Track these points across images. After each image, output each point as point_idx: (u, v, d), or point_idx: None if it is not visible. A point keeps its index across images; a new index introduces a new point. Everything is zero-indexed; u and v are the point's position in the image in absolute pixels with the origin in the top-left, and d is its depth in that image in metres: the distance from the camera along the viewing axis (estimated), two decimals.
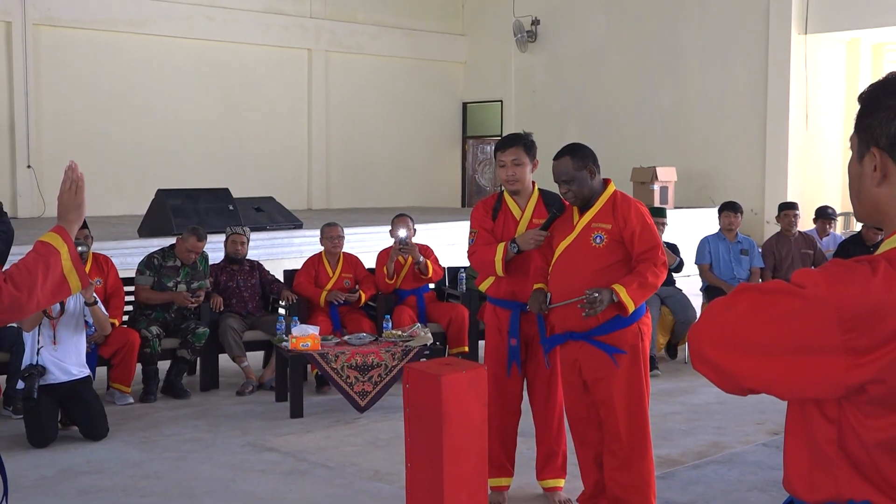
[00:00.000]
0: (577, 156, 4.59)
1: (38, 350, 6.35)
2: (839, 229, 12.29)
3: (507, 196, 5.12)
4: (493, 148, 5.20)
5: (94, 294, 6.69)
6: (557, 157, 4.64)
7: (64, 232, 2.92)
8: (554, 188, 5.14)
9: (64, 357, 6.42)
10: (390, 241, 8.24)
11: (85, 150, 14.88)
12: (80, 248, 3.05)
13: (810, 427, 1.69)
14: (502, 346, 5.07)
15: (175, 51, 16.94)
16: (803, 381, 1.60)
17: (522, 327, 5.02)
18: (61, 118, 15.80)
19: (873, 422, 1.61)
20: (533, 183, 5.14)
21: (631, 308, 4.42)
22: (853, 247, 8.87)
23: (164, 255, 7.84)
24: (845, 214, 15.60)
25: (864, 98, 1.72)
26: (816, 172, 16.45)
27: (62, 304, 6.35)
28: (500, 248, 4.88)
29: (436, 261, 8.31)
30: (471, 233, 5.11)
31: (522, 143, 5.00)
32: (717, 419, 6.90)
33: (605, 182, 4.67)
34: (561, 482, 5.24)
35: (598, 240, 4.52)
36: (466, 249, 5.15)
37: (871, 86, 1.71)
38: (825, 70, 16.54)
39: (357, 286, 8.17)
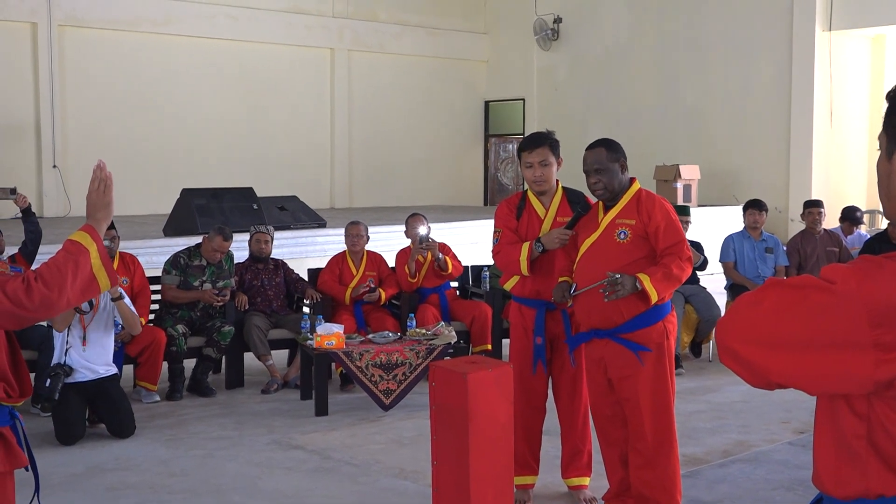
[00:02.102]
0: (611, 148, 4.64)
1: (67, 350, 6.40)
2: (864, 227, 12.21)
3: (531, 195, 5.11)
4: (518, 148, 5.16)
5: (120, 289, 6.71)
6: (591, 147, 4.67)
7: (93, 230, 2.95)
8: (576, 185, 5.15)
9: (92, 357, 6.47)
10: (409, 241, 8.26)
11: (110, 150, 14.97)
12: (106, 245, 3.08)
13: (839, 422, 1.69)
14: (527, 345, 5.07)
15: (198, 50, 17.04)
16: (832, 376, 1.59)
17: (548, 326, 5.02)
18: (86, 118, 15.92)
19: None
20: (557, 181, 5.11)
21: (654, 297, 4.38)
22: (879, 245, 8.80)
23: (189, 254, 7.89)
24: (871, 212, 15.49)
25: (893, 96, 1.71)
26: (841, 170, 16.35)
27: (91, 302, 6.39)
28: (525, 247, 4.87)
29: (454, 257, 8.32)
30: (495, 232, 5.10)
31: (548, 142, 4.98)
32: (742, 418, 6.87)
33: (631, 180, 4.69)
34: (586, 480, 5.24)
35: (622, 235, 4.52)
36: (491, 249, 5.15)
37: None
38: (850, 67, 16.44)
39: (376, 286, 8.17)
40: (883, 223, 15.55)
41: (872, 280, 1.55)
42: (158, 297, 7.86)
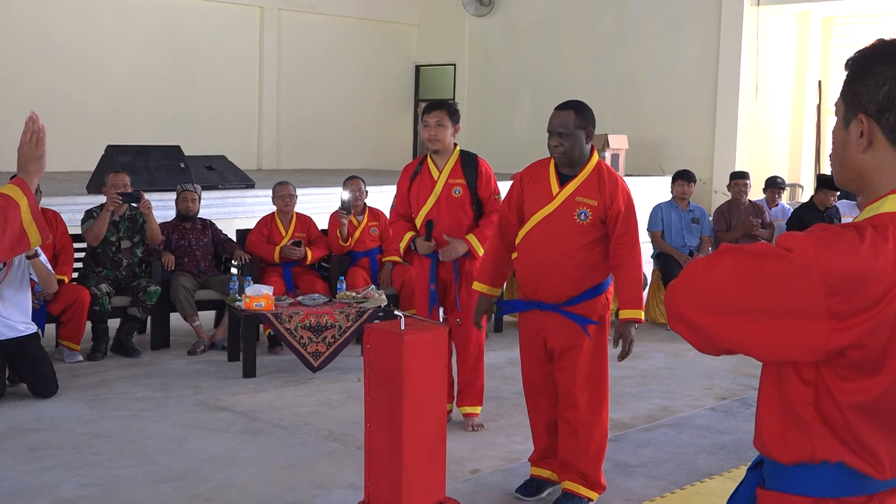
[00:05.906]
0: (581, 113, 4.45)
1: None
2: (785, 199, 12.48)
3: (429, 158, 5.72)
4: (421, 111, 5.75)
5: (36, 247, 6.52)
6: (561, 108, 4.49)
7: (24, 184, 2.88)
8: (499, 151, 5.30)
9: (9, 314, 6.31)
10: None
11: (31, 105, 14.34)
12: None
13: (786, 389, 1.71)
14: (425, 292, 5.72)
15: (124, 4, 16.59)
16: (784, 343, 1.60)
17: (440, 274, 5.68)
18: (6, 72, 15.41)
19: (850, 385, 1.63)
20: (455, 145, 5.74)
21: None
22: (806, 213, 9.00)
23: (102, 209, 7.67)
24: (792, 186, 15.80)
25: (852, 64, 1.70)
26: (764, 143, 16.62)
27: (5, 262, 6.22)
28: (407, 237, 5.70)
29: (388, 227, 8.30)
30: (394, 197, 5.86)
31: (447, 107, 5.63)
32: (666, 384, 7.00)
33: (591, 150, 4.53)
34: (478, 409, 5.80)
35: (582, 216, 4.36)
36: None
37: (860, 52, 1.70)
38: (776, 42, 16.67)
39: (301, 242, 8.09)
40: (803, 196, 15.89)
41: (830, 249, 1.56)
42: (82, 255, 7.69)
